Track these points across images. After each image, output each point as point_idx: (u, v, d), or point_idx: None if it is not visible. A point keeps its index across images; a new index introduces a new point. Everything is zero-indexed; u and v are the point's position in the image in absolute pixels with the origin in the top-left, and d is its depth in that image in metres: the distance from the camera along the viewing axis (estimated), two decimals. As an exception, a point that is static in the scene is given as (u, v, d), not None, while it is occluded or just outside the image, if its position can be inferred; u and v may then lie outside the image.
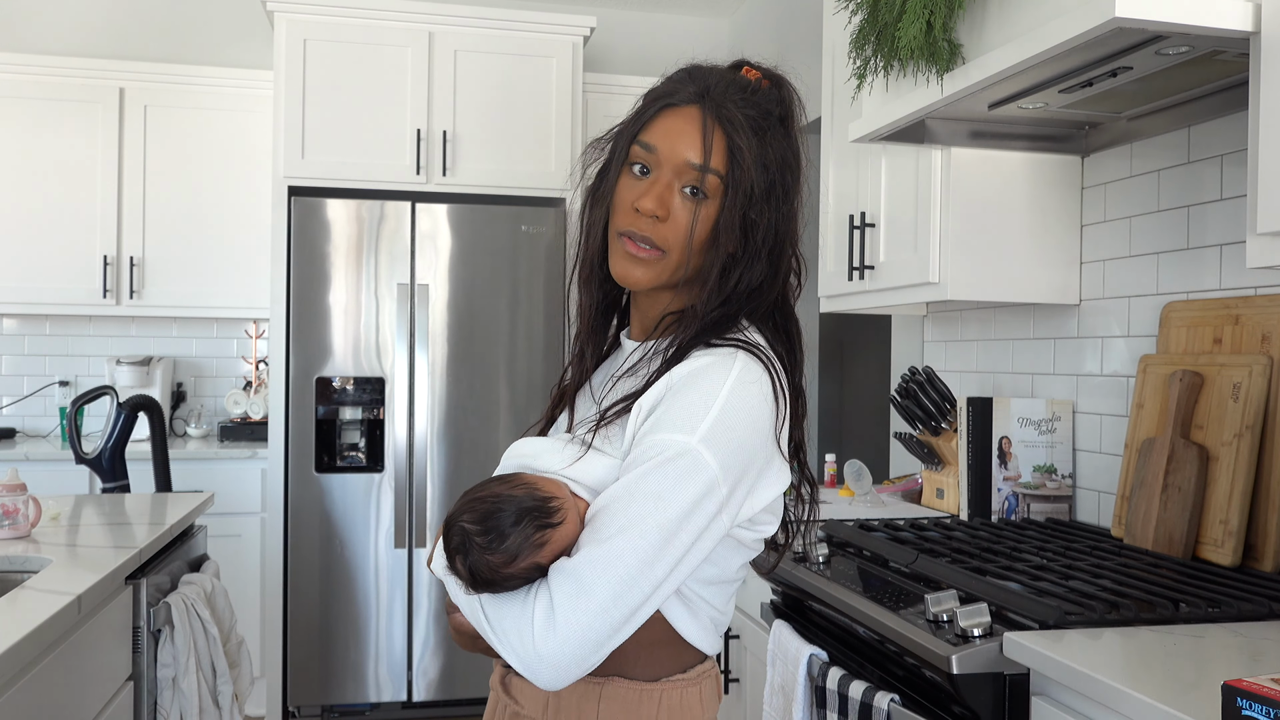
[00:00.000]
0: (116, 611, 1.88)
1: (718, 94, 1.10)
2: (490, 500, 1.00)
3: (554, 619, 0.94)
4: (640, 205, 1.09)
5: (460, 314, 3.67)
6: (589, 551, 0.97)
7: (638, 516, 0.97)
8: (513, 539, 0.97)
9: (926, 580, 1.73)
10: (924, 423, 2.54)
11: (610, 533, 0.97)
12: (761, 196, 1.09)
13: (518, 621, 0.96)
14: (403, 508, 3.61)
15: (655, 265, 1.10)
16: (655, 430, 1.01)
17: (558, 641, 0.94)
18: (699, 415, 1.00)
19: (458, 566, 1.00)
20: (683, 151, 1.09)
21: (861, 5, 1.96)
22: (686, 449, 0.99)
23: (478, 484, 1.05)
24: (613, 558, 0.96)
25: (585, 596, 0.95)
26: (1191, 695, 1.13)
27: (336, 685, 3.58)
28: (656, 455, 0.99)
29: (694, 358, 1.05)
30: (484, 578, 0.98)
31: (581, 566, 0.96)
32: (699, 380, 1.03)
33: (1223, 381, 1.85)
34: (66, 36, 4.22)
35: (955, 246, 2.25)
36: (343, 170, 3.62)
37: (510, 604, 0.98)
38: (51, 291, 3.91)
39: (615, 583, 0.95)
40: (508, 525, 0.98)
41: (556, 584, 0.96)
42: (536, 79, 3.78)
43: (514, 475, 1.05)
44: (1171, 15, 1.42)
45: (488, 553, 0.97)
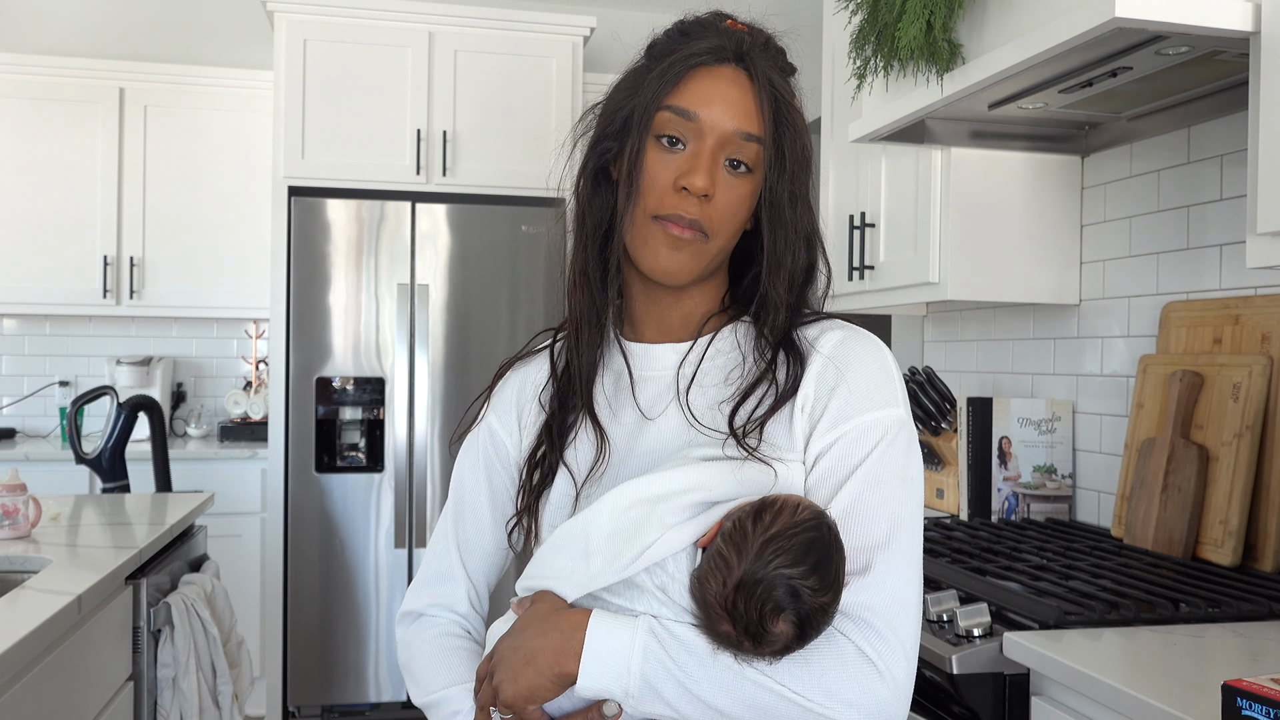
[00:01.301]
0: (116, 611, 1.88)
1: (754, 52, 0.99)
2: (794, 534, 0.84)
3: (886, 640, 0.85)
4: (691, 184, 0.94)
5: (460, 314, 3.67)
6: (882, 557, 0.88)
7: (899, 505, 0.90)
8: (836, 568, 0.84)
9: (927, 580, 1.73)
10: (924, 423, 2.54)
11: (884, 530, 0.89)
12: (800, 164, 0.99)
13: (845, 667, 0.84)
14: (403, 508, 3.61)
15: (701, 253, 0.97)
16: (855, 413, 0.93)
17: (905, 659, 0.86)
18: (889, 386, 0.95)
19: (779, 627, 0.83)
20: (729, 119, 0.95)
21: (861, 5, 1.96)
22: (903, 421, 0.94)
23: (738, 528, 0.85)
24: (904, 554, 0.89)
25: (902, 603, 0.87)
26: (1191, 695, 1.13)
27: (336, 685, 3.58)
28: (879, 437, 0.92)
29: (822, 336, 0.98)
30: (817, 626, 0.84)
31: (884, 575, 0.87)
32: (861, 352, 0.96)
33: (1223, 381, 1.85)
34: (66, 36, 4.22)
35: (955, 246, 2.25)
36: (343, 170, 3.62)
37: (816, 657, 0.85)
38: (51, 291, 3.91)
39: (916, 576, 0.90)
40: (832, 554, 0.85)
41: (865, 605, 0.86)
42: (536, 79, 3.78)
43: (775, 499, 0.87)
44: (1171, 15, 1.41)
45: (821, 594, 0.83)
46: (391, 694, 3.61)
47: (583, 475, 1.01)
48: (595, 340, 1.04)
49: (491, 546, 1.11)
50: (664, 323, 1.04)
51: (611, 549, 0.90)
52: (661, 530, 0.88)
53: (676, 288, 1.01)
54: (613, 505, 0.91)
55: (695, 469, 0.92)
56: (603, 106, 1.04)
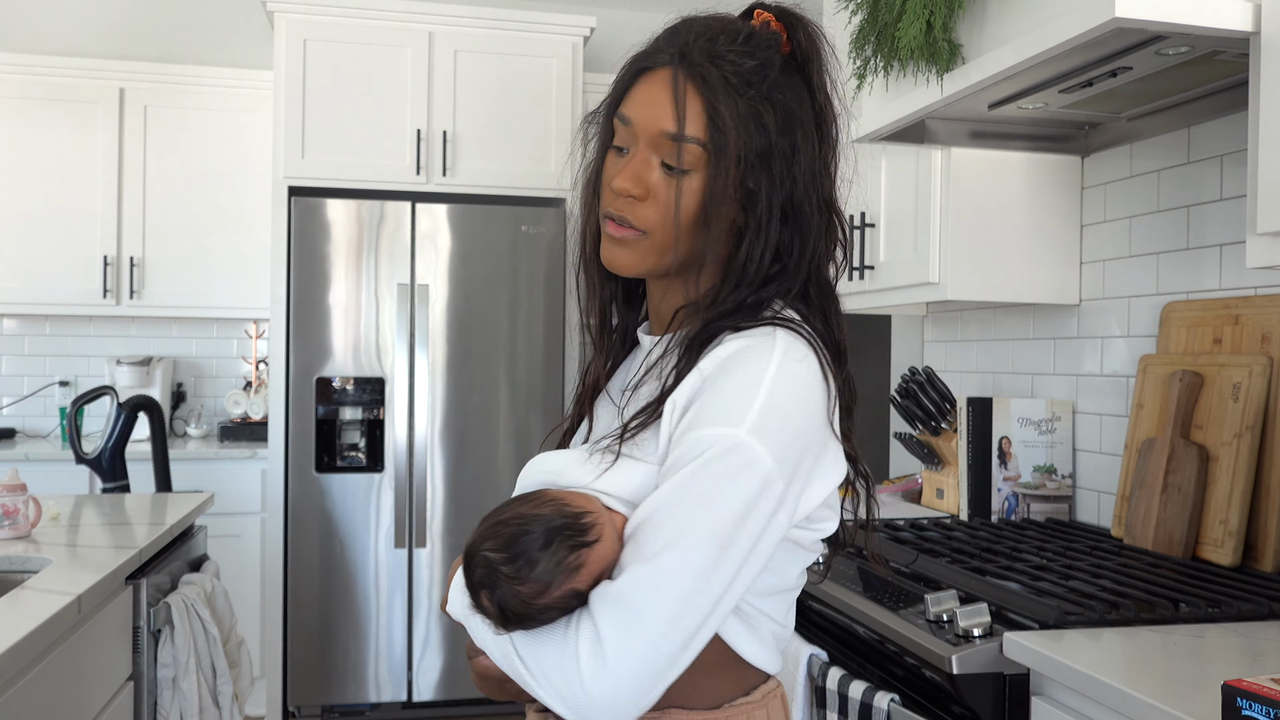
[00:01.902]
0: (116, 611, 1.88)
1: (697, 49, 0.98)
2: (514, 523, 0.88)
3: (603, 653, 0.83)
4: (615, 184, 0.99)
5: (460, 314, 3.67)
6: (635, 571, 0.85)
7: (687, 525, 0.86)
8: (544, 564, 0.86)
9: (926, 580, 1.73)
10: (924, 423, 2.54)
11: (658, 547, 0.85)
12: (756, 162, 0.96)
13: (560, 660, 0.84)
14: (403, 508, 3.61)
15: (638, 248, 1.00)
16: (695, 426, 0.90)
17: (611, 679, 0.82)
18: (744, 403, 0.88)
19: (484, 602, 0.88)
20: (656, 121, 0.97)
21: (861, 5, 1.96)
22: (735, 442, 0.87)
23: (498, 506, 0.93)
24: (664, 575, 0.84)
25: (637, 623, 0.83)
26: (1191, 695, 1.13)
27: (336, 685, 3.58)
28: (701, 454, 0.88)
29: (727, 343, 0.94)
30: (515, 612, 0.86)
31: (629, 590, 0.84)
32: (739, 365, 0.91)
33: (1223, 381, 1.85)
34: (66, 36, 4.22)
35: (955, 246, 2.25)
36: (343, 170, 3.62)
37: (548, 640, 0.86)
38: (51, 291, 3.91)
39: (670, 604, 0.83)
40: (537, 549, 0.86)
41: (601, 612, 0.84)
42: (536, 79, 3.78)
43: (538, 493, 0.94)
44: (1171, 15, 1.42)
45: (517, 583, 0.86)
46: (391, 694, 3.61)
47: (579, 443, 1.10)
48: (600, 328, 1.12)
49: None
50: (658, 314, 1.10)
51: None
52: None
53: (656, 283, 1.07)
54: (526, 470, 1.03)
55: (565, 455, 1.01)
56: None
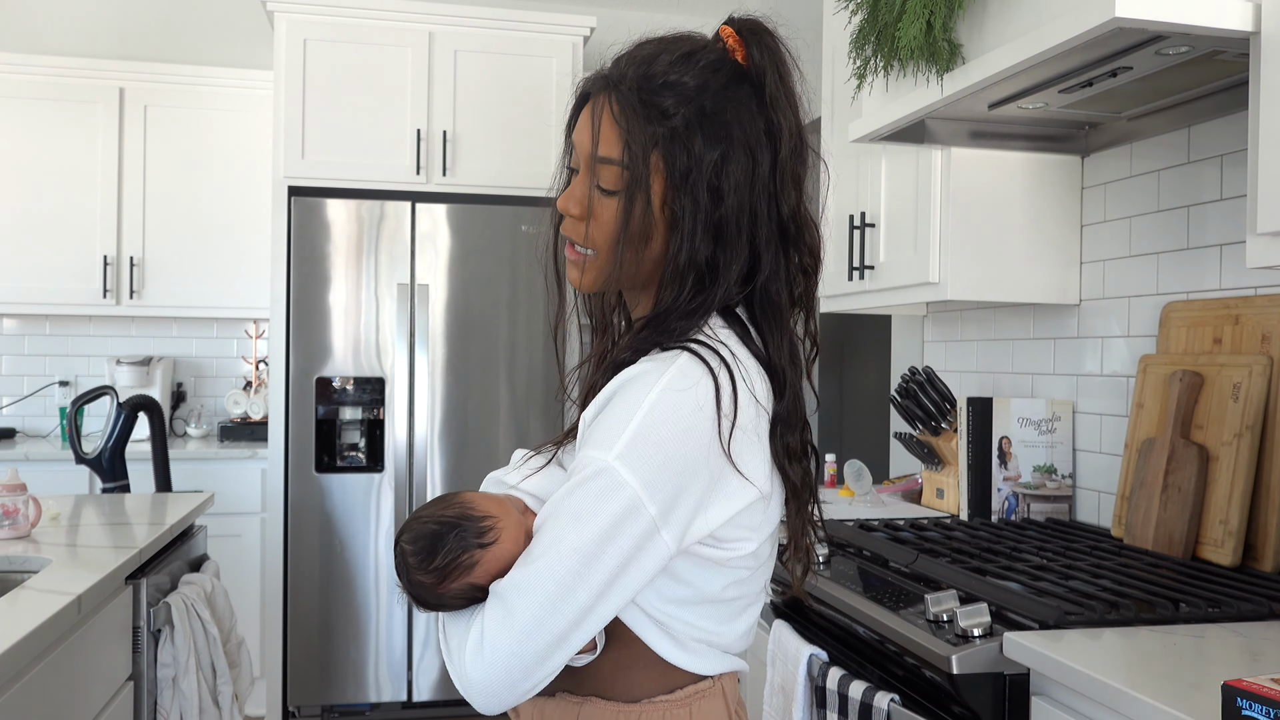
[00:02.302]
0: (116, 611, 1.88)
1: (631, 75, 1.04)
2: (425, 520, 1.01)
3: (482, 643, 0.94)
4: (558, 205, 1.07)
5: (460, 314, 3.67)
6: (515, 573, 0.95)
7: (557, 539, 0.93)
8: (440, 559, 0.98)
9: (926, 580, 1.73)
10: (924, 423, 2.54)
11: (536, 554, 0.94)
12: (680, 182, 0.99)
13: (460, 641, 0.96)
14: (403, 508, 3.61)
15: (589, 268, 1.06)
16: (583, 446, 0.97)
17: (484, 666, 0.93)
18: (618, 430, 0.93)
19: (401, 582, 1.02)
20: (586, 144, 1.05)
21: (861, 5, 1.96)
22: (603, 467, 0.93)
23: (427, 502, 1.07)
24: (534, 581, 0.93)
25: (509, 621, 0.93)
26: (1191, 695, 1.13)
27: (336, 685, 3.58)
28: (579, 473, 0.95)
29: (637, 364, 0.98)
30: (419, 597, 1.01)
31: (508, 590, 0.94)
32: (626, 391, 0.96)
33: (1223, 381, 1.85)
34: (66, 36, 4.22)
35: (955, 246, 2.25)
36: (343, 170, 3.62)
37: (457, 623, 0.99)
38: (51, 291, 3.91)
39: (536, 607, 0.92)
40: (437, 544, 0.99)
41: (489, 605, 0.95)
42: (536, 79, 3.78)
43: (454, 495, 1.05)
44: (1171, 15, 1.42)
45: (420, 573, 0.99)
46: (391, 694, 3.61)
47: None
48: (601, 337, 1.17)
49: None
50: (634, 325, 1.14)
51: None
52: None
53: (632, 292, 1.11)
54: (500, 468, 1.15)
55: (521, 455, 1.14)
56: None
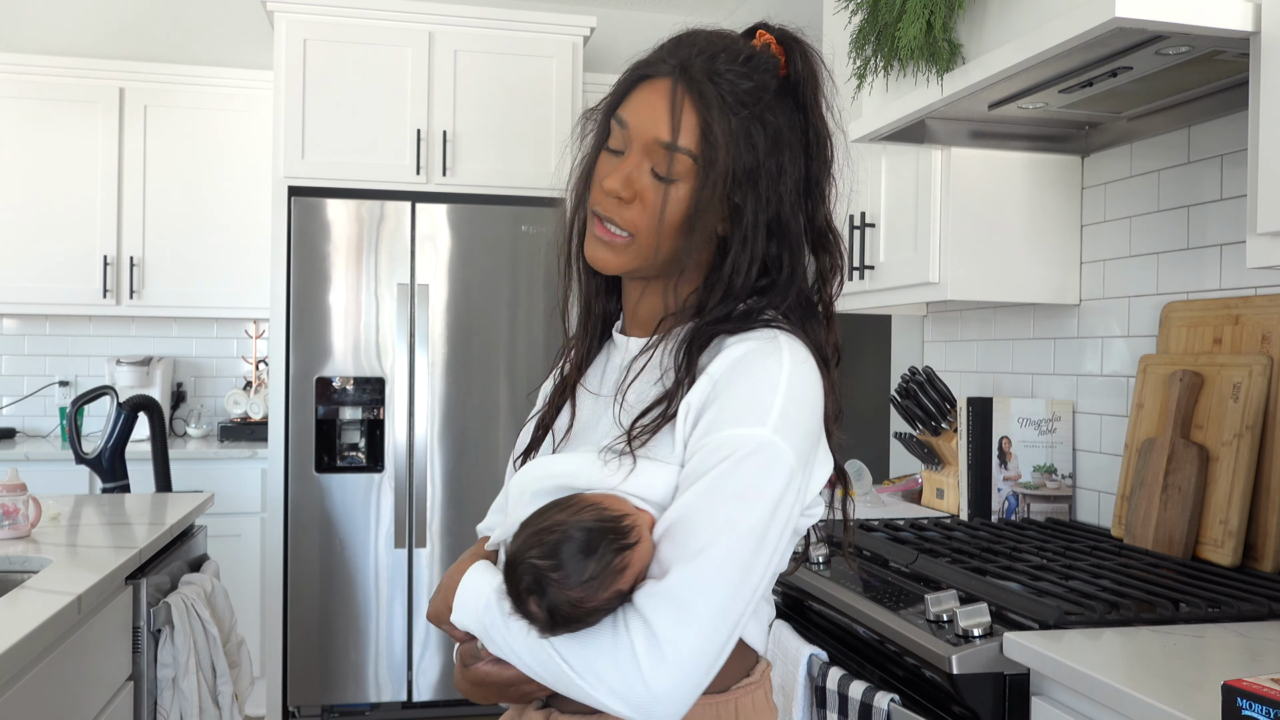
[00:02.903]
0: (116, 611, 1.88)
1: (698, 65, 1.01)
2: (558, 529, 0.91)
3: (661, 649, 0.87)
4: (605, 185, 1.02)
5: (460, 314, 3.67)
6: (682, 570, 0.89)
7: (727, 523, 0.90)
8: (592, 568, 0.89)
9: (926, 580, 1.73)
10: (924, 423, 2.54)
11: (700, 545, 0.90)
12: (743, 179, 1.00)
13: (614, 660, 0.88)
14: (403, 508, 3.61)
15: (623, 251, 1.03)
16: (718, 428, 0.94)
17: (672, 673, 0.87)
18: (765, 403, 0.94)
19: (532, 609, 0.91)
20: (651, 128, 1.01)
21: (861, 5, 1.96)
22: (763, 441, 0.92)
23: (534, 514, 0.96)
24: (711, 572, 0.89)
25: (690, 619, 0.88)
26: (1191, 695, 1.13)
27: (336, 685, 3.58)
28: (731, 454, 0.92)
29: (732, 346, 0.98)
30: (565, 616, 0.90)
31: (678, 587, 0.89)
32: (752, 366, 0.95)
33: (1223, 381, 1.85)
34: (66, 36, 4.22)
35: (955, 246, 2.25)
36: (343, 170, 3.62)
37: (596, 642, 0.90)
38: (51, 291, 3.91)
39: (720, 598, 0.89)
40: (584, 553, 0.89)
41: (653, 610, 0.89)
42: (536, 79, 3.78)
43: (573, 498, 0.95)
44: (1171, 15, 1.41)
45: (567, 588, 0.89)
46: (391, 694, 3.61)
47: (559, 439, 1.12)
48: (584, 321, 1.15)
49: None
50: (636, 316, 1.12)
51: (512, 511, 1.05)
52: (530, 505, 1.00)
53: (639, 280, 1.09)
54: (524, 475, 1.06)
55: (576, 457, 1.03)
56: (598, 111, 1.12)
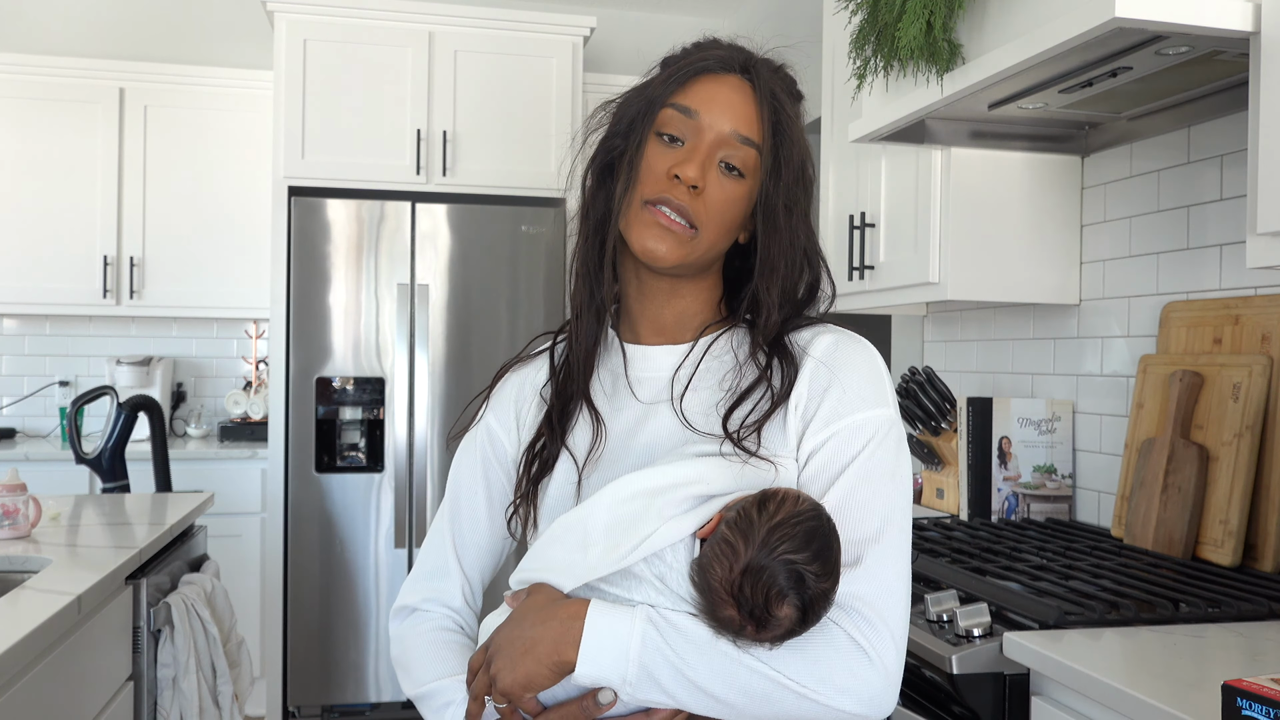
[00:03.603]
0: (116, 611, 1.88)
1: (764, 67, 1.04)
2: (797, 522, 0.87)
3: (876, 629, 0.89)
4: (682, 172, 0.98)
5: (460, 314, 3.67)
6: (872, 553, 0.91)
7: (890, 501, 0.94)
8: (835, 556, 0.88)
9: (926, 580, 1.73)
10: (924, 423, 2.54)
11: (876, 526, 0.92)
12: (803, 179, 1.03)
13: (838, 655, 0.88)
14: (403, 508, 3.61)
15: (686, 242, 1.00)
16: (847, 412, 0.96)
17: (894, 647, 0.89)
18: (880, 387, 0.99)
19: (784, 611, 0.85)
20: (728, 121, 1.00)
21: (861, 5, 1.96)
22: (893, 421, 0.98)
23: (743, 516, 0.88)
24: (894, 548, 0.93)
25: (893, 598, 0.90)
26: (1191, 695, 1.13)
27: (336, 685, 3.58)
28: (869, 435, 0.95)
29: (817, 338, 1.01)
30: (818, 613, 0.87)
31: (874, 570, 0.91)
32: (853, 354, 1.00)
33: (1223, 381, 1.85)
34: (66, 36, 4.22)
35: (955, 246, 2.25)
36: (343, 170, 3.62)
37: (810, 645, 0.88)
38: (51, 291, 3.91)
39: (905, 568, 0.93)
40: (833, 541, 0.88)
41: (856, 597, 0.90)
42: (536, 79, 3.78)
43: (776, 492, 0.91)
44: (1171, 15, 1.41)
45: (823, 580, 0.86)
46: (391, 694, 3.61)
47: (582, 459, 1.03)
48: (594, 329, 1.07)
49: (486, 543, 1.14)
50: (659, 322, 1.07)
51: (610, 540, 0.92)
52: (660, 521, 0.90)
53: (669, 280, 1.05)
54: (612, 497, 0.94)
55: (693, 464, 0.95)
56: (616, 107, 1.08)
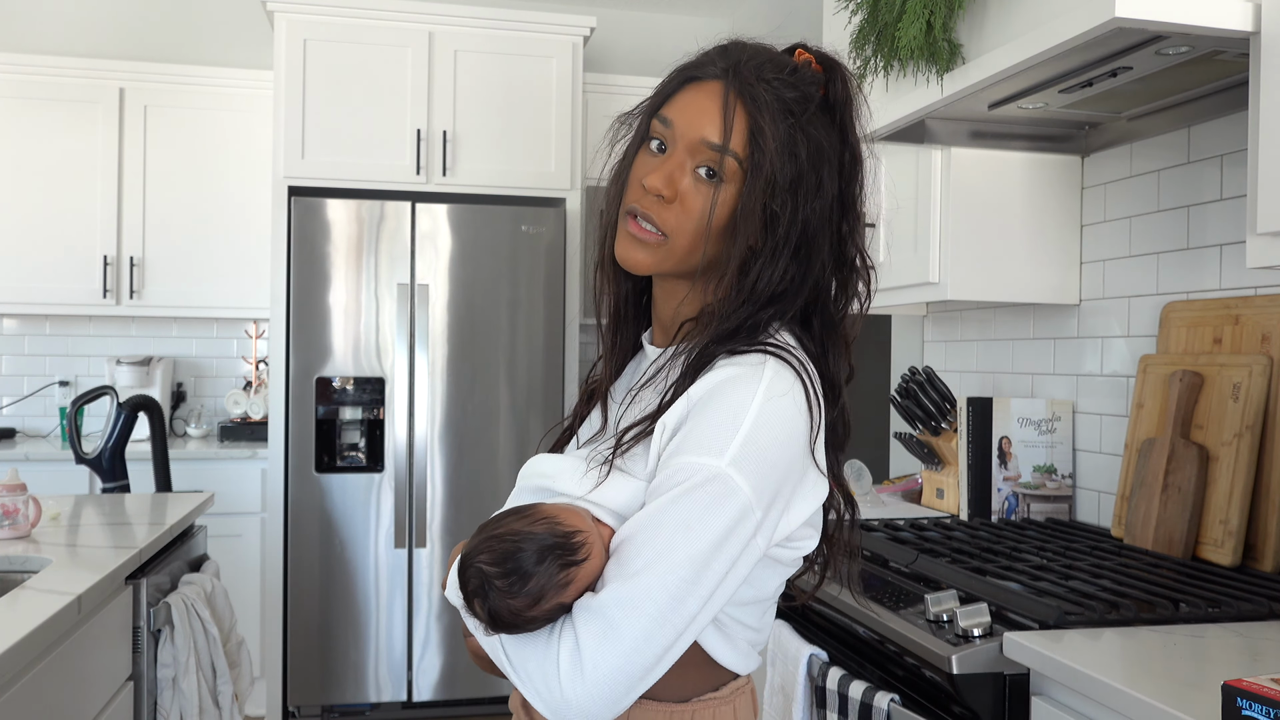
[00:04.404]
0: (116, 611, 1.88)
1: (748, 71, 1.01)
2: (509, 539, 0.93)
3: (581, 663, 0.88)
4: (646, 182, 1.01)
5: (460, 314, 3.67)
6: (616, 588, 0.90)
7: (666, 549, 0.90)
8: (535, 580, 0.90)
9: (926, 580, 1.73)
10: (924, 423, 2.54)
11: (638, 567, 0.90)
12: (785, 187, 0.99)
13: (542, 664, 0.91)
14: (403, 508, 3.61)
15: (656, 250, 1.02)
16: (680, 452, 0.94)
17: (586, 686, 0.88)
18: (727, 435, 0.92)
19: (476, 609, 0.93)
20: (700, 129, 1.00)
21: (861, 5, 1.96)
22: (716, 473, 0.91)
23: (493, 518, 0.97)
24: (641, 595, 0.89)
25: (614, 638, 0.88)
26: (1191, 695, 1.13)
27: (336, 685, 3.58)
28: (684, 481, 0.92)
29: (719, 368, 0.97)
30: (505, 621, 0.92)
31: (609, 605, 0.89)
32: (725, 394, 0.95)
33: (1223, 381, 1.85)
34: (66, 36, 4.22)
35: (955, 246, 2.25)
36: (343, 170, 3.62)
37: (533, 645, 0.92)
38: (51, 291, 3.91)
39: (646, 621, 0.89)
40: (530, 565, 0.91)
41: (582, 623, 0.90)
42: (536, 79, 3.78)
43: (532, 508, 0.97)
44: (1171, 15, 1.42)
45: (509, 596, 0.90)
46: (391, 694, 3.61)
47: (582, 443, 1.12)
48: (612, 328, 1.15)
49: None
50: (661, 322, 1.12)
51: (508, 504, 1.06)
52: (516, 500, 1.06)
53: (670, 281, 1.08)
54: (524, 469, 1.09)
55: (564, 460, 1.06)
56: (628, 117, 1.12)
